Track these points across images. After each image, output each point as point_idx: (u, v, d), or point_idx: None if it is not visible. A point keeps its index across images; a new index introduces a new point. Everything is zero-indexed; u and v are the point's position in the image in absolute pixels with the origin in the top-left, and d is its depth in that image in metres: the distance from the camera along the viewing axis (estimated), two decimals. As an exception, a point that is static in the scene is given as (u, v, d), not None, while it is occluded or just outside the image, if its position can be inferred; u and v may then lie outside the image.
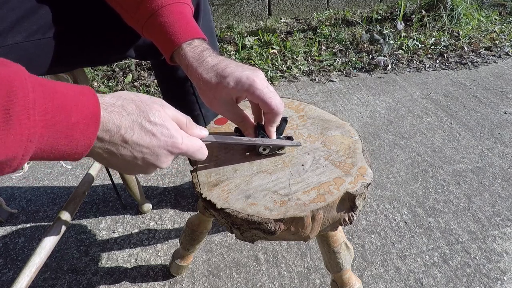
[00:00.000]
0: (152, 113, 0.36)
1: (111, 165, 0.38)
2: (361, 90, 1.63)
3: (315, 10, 2.41)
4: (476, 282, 0.83)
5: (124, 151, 0.36)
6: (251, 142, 0.49)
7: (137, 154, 0.36)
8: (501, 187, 1.09)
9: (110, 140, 0.34)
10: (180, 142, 0.39)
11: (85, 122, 0.31)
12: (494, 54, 1.94)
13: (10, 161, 0.28)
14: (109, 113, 0.34)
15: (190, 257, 0.81)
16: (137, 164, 0.38)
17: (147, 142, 0.36)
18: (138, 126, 0.35)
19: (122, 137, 0.34)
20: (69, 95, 0.31)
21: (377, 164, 1.19)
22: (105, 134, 0.34)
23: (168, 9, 0.50)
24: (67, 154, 0.32)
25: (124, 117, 0.34)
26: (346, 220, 0.48)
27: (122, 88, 1.61)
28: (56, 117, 0.30)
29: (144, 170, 0.40)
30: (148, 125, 0.36)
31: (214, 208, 0.45)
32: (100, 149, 0.35)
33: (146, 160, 0.38)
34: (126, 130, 0.34)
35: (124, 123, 0.34)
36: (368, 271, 0.86)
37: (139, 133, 0.35)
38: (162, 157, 0.38)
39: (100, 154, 0.35)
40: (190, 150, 0.40)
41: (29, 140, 0.28)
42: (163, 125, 0.37)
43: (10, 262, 0.89)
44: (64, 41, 0.57)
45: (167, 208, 1.04)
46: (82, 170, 1.18)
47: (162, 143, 0.37)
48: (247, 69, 0.47)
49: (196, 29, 0.52)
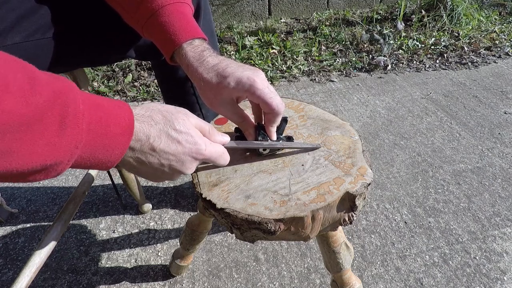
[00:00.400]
0: (178, 122, 0.39)
1: (140, 173, 0.40)
2: (361, 90, 1.63)
3: (315, 10, 2.41)
4: (476, 282, 0.83)
5: (152, 159, 0.38)
6: (272, 145, 0.50)
7: (164, 162, 0.38)
8: (501, 187, 1.09)
9: (140, 149, 0.37)
10: (204, 148, 0.40)
11: (121, 132, 0.34)
12: (494, 54, 1.94)
13: (57, 165, 0.30)
14: (140, 123, 0.36)
15: (190, 257, 0.81)
16: (164, 171, 0.40)
17: (173, 150, 0.38)
18: (165, 135, 0.37)
19: (151, 146, 0.37)
20: (109, 108, 0.34)
21: (377, 164, 1.19)
22: (136, 143, 0.36)
23: (168, 9, 0.50)
24: (101, 161, 0.34)
25: (152, 127, 0.37)
26: (346, 220, 0.48)
27: (122, 88, 1.61)
28: (98, 127, 0.32)
29: (170, 177, 0.42)
30: (174, 133, 0.38)
31: (214, 208, 0.45)
32: (131, 158, 0.37)
33: (173, 167, 0.39)
34: (155, 139, 0.37)
35: (152, 133, 0.37)
36: (368, 271, 0.86)
37: (166, 141, 0.37)
38: (187, 163, 0.40)
39: (130, 163, 0.37)
40: (213, 156, 0.42)
41: (76, 147, 0.31)
42: (187, 133, 0.39)
43: (10, 262, 0.89)
44: (64, 41, 0.57)
45: (167, 208, 1.04)
46: (82, 170, 1.18)
47: (187, 150, 0.39)
48: (248, 69, 0.47)
49: (197, 29, 0.52)
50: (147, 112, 0.38)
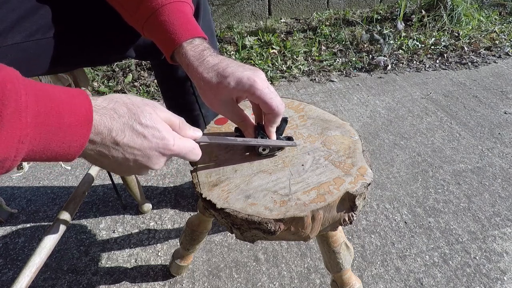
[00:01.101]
0: (144, 115, 0.37)
1: (103, 166, 0.38)
2: (361, 90, 1.63)
3: (315, 10, 2.41)
4: (476, 282, 0.83)
5: (115, 153, 0.36)
6: (245, 142, 0.49)
7: (129, 156, 0.37)
8: (501, 187, 1.09)
9: (102, 142, 0.35)
10: (172, 143, 0.39)
11: (77, 124, 0.32)
12: (494, 54, 1.94)
13: (2, 162, 0.29)
14: (101, 116, 0.34)
15: (190, 257, 0.81)
16: (129, 165, 0.38)
17: (138, 144, 0.37)
18: (129, 129, 0.36)
19: (114, 140, 0.35)
20: (63, 98, 0.32)
21: (377, 164, 1.19)
22: (97, 136, 0.34)
23: (169, 8, 0.50)
24: (59, 155, 0.32)
25: (115, 120, 0.35)
26: (346, 220, 0.48)
27: (122, 88, 1.61)
28: (48, 119, 0.30)
29: (136, 171, 0.40)
30: (139, 127, 0.36)
31: (214, 208, 0.45)
32: (92, 151, 0.35)
33: (138, 161, 0.38)
34: (117, 132, 0.35)
35: (115, 126, 0.35)
36: (368, 271, 0.86)
37: (130, 135, 0.36)
38: (153, 159, 0.39)
39: (92, 155, 0.36)
40: (182, 151, 0.41)
41: (21, 142, 0.29)
42: (154, 127, 0.37)
43: (10, 262, 0.89)
44: (64, 41, 0.57)
45: (167, 208, 1.04)
46: (82, 170, 1.18)
47: (153, 145, 0.37)
48: (248, 69, 0.47)
49: (197, 28, 0.52)
50: (110, 104, 0.36)
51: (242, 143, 0.49)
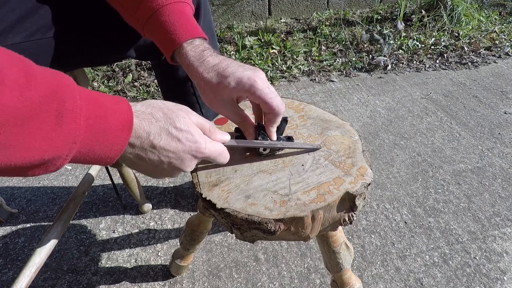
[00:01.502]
0: (178, 119, 0.39)
1: (139, 169, 0.40)
2: (361, 90, 1.63)
3: (315, 10, 2.41)
4: (476, 282, 0.83)
5: (152, 156, 0.38)
6: (272, 145, 0.50)
7: (164, 159, 0.39)
8: (501, 187, 1.09)
9: (141, 145, 0.37)
10: (204, 147, 0.41)
11: (120, 128, 0.34)
12: (494, 54, 1.94)
13: (56, 160, 0.31)
14: (140, 121, 0.36)
15: (190, 257, 0.81)
16: (163, 168, 0.40)
17: (173, 147, 0.38)
18: (165, 132, 0.38)
19: (151, 143, 0.37)
20: (108, 104, 0.34)
21: (377, 164, 1.19)
22: (136, 140, 0.36)
23: (169, 8, 0.50)
24: (101, 157, 0.34)
25: (153, 124, 0.37)
26: (346, 220, 0.48)
27: (122, 88, 1.61)
28: (96, 122, 0.32)
29: (170, 174, 0.42)
30: (174, 131, 0.38)
31: (214, 208, 0.45)
32: (131, 154, 0.37)
33: (172, 164, 0.40)
34: (155, 136, 0.37)
35: (153, 130, 0.37)
36: (368, 271, 0.86)
37: (166, 138, 0.38)
38: (186, 161, 0.40)
39: (130, 159, 0.38)
40: (212, 154, 0.42)
41: (74, 142, 0.31)
42: (188, 131, 0.39)
43: (10, 262, 0.89)
44: (64, 41, 0.57)
45: (167, 208, 1.04)
46: (82, 170, 1.18)
47: (187, 148, 0.39)
48: (248, 69, 0.47)
49: (197, 28, 0.52)
50: (148, 109, 0.38)
51: (269, 146, 0.50)
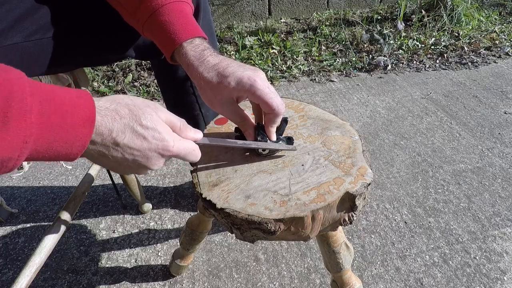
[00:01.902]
0: (144, 116, 0.37)
1: (102, 165, 0.39)
2: (361, 90, 1.63)
3: (315, 10, 2.41)
4: (476, 282, 0.83)
5: (115, 153, 0.37)
6: (245, 145, 0.50)
7: (128, 156, 0.38)
8: (501, 187, 1.09)
9: (102, 142, 0.35)
10: (172, 145, 0.39)
11: (80, 124, 0.32)
12: (494, 54, 1.94)
13: (6, 162, 0.29)
14: (102, 117, 0.35)
15: (190, 257, 0.81)
16: (128, 165, 0.39)
17: (138, 145, 0.37)
18: (130, 130, 0.36)
19: (114, 140, 0.36)
20: (66, 99, 0.32)
21: (377, 164, 1.19)
22: (97, 137, 0.35)
23: (168, 8, 0.50)
24: (62, 154, 0.33)
25: (116, 121, 0.36)
26: (346, 220, 0.48)
27: (122, 88, 1.61)
28: (52, 119, 0.31)
29: (135, 171, 0.41)
30: (139, 128, 0.37)
31: (214, 208, 0.45)
32: (92, 151, 0.36)
33: (137, 162, 0.39)
34: (118, 133, 0.36)
35: (116, 127, 0.35)
36: (368, 271, 0.86)
37: (131, 136, 0.36)
38: (153, 160, 0.39)
39: (92, 155, 0.36)
40: (181, 152, 0.41)
41: (25, 142, 0.29)
42: (154, 129, 0.38)
43: (10, 262, 0.89)
44: (64, 41, 0.57)
45: (167, 208, 1.04)
46: (82, 170, 1.18)
47: (153, 146, 0.38)
48: (248, 69, 0.47)
49: (197, 27, 0.52)
50: (112, 104, 0.36)
51: (242, 146, 0.50)
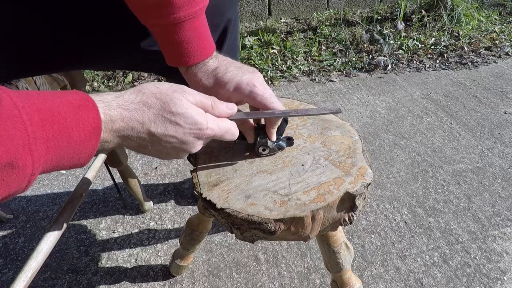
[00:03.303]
0: (173, 102, 0.37)
1: (145, 154, 0.40)
2: (361, 90, 1.63)
3: (315, 10, 2.41)
4: (476, 282, 0.83)
5: (153, 143, 0.37)
6: (285, 114, 0.48)
7: (166, 144, 0.38)
8: (501, 187, 1.09)
9: (138, 135, 0.36)
10: (205, 127, 0.39)
11: (86, 138, 0.32)
12: (494, 54, 1.94)
13: (13, 193, 0.29)
14: (131, 112, 0.35)
15: (190, 257, 0.81)
16: (167, 152, 0.40)
17: (172, 132, 0.37)
18: (161, 119, 0.36)
19: (148, 131, 0.36)
20: (68, 115, 0.30)
21: (377, 164, 1.19)
22: (131, 132, 0.35)
23: (184, 27, 0.48)
24: (70, 166, 0.33)
25: (145, 113, 0.36)
26: (346, 220, 0.48)
27: (122, 88, 1.61)
28: (58, 142, 0.30)
29: (176, 156, 0.41)
30: (170, 116, 0.37)
31: (214, 208, 0.45)
32: (131, 145, 0.37)
33: (176, 147, 0.39)
34: (150, 124, 0.36)
35: (146, 118, 0.36)
36: (368, 271, 0.86)
37: (163, 124, 0.37)
38: (190, 144, 0.40)
39: (132, 146, 0.37)
40: (218, 133, 0.41)
41: (33, 174, 0.28)
42: (185, 113, 0.37)
43: (10, 262, 0.89)
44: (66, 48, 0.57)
45: (167, 208, 1.04)
46: (82, 170, 1.18)
47: (187, 130, 0.38)
48: (247, 72, 0.47)
49: (207, 49, 0.50)
50: (138, 96, 0.36)
51: (281, 115, 0.47)
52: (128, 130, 0.35)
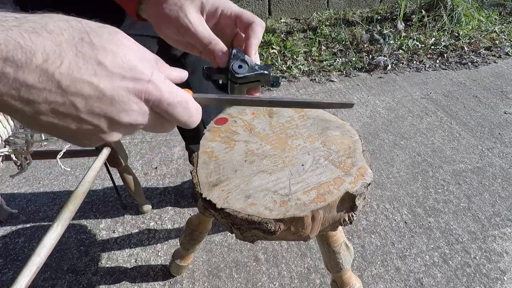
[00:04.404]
0: (97, 34, 0.23)
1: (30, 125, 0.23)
2: (361, 90, 1.63)
3: (315, 10, 2.41)
4: (476, 282, 0.83)
5: (50, 96, 0.21)
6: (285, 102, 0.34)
7: (75, 101, 0.22)
8: (501, 187, 1.09)
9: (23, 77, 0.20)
10: (147, 78, 0.24)
11: None
12: (494, 54, 1.94)
13: None
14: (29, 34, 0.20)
15: (190, 257, 0.81)
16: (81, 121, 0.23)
17: (89, 76, 0.22)
18: (73, 51, 0.21)
19: (45, 71, 0.20)
20: None
21: (377, 164, 1.19)
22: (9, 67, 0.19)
23: None
24: None
25: (46, 38, 0.20)
26: (346, 220, 0.48)
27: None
28: None
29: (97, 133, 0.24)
30: (89, 49, 0.22)
31: (214, 208, 0.45)
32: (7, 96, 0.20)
33: (91, 110, 0.23)
34: (50, 57, 0.20)
35: (46, 47, 0.20)
36: (368, 271, 0.86)
37: (75, 61, 0.21)
38: (118, 104, 0.23)
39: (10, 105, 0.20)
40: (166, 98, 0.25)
41: None
42: (116, 51, 0.23)
43: (10, 262, 0.89)
44: None
45: (167, 208, 1.04)
46: (82, 170, 1.18)
47: (116, 79, 0.23)
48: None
49: None
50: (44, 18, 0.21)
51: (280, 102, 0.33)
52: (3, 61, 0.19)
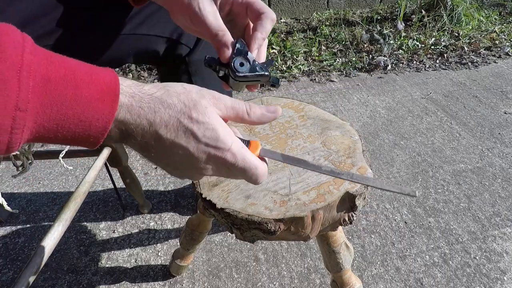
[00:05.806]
0: (197, 108, 0.30)
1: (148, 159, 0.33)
2: (361, 90, 1.63)
3: (315, 10, 2.41)
4: (476, 282, 0.83)
5: (158, 149, 0.31)
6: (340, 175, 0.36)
7: (171, 156, 0.31)
8: (501, 187, 1.09)
9: (143, 135, 0.29)
10: (227, 148, 0.31)
11: (99, 97, 0.26)
12: (494, 54, 1.94)
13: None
14: (142, 106, 0.29)
15: (190, 257, 0.81)
16: (168, 164, 0.33)
17: (183, 142, 0.30)
18: (176, 123, 0.30)
19: (156, 134, 0.29)
20: (82, 68, 0.27)
21: (377, 164, 1.19)
22: (136, 129, 0.29)
23: None
24: (79, 136, 0.27)
25: (159, 112, 0.29)
26: (346, 220, 0.48)
27: (122, 88, 1.60)
28: (60, 87, 0.25)
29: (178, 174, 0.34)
30: (188, 122, 0.30)
31: (214, 208, 0.45)
32: (134, 145, 0.31)
33: (181, 164, 0.32)
34: (161, 126, 0.29)
35: (158, 118, 0.29)
36: (368, 271, 0.86)
37: (176, 130, 0.30)
38: (198, 164, 0.32)
39: (135, 146, 0.31)
40: (239, 164, 0.32)
41: (18, 109, 0.23)
42: (207, 124, 0.30)
43: (10, 262, 0.89)
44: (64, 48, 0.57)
45: (167, 208, 1.04)
46: (82, 170, 1.18)
47: (202, 146, 0.31)
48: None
49: None
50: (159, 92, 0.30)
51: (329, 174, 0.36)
52: (133, 125, 0.28)
